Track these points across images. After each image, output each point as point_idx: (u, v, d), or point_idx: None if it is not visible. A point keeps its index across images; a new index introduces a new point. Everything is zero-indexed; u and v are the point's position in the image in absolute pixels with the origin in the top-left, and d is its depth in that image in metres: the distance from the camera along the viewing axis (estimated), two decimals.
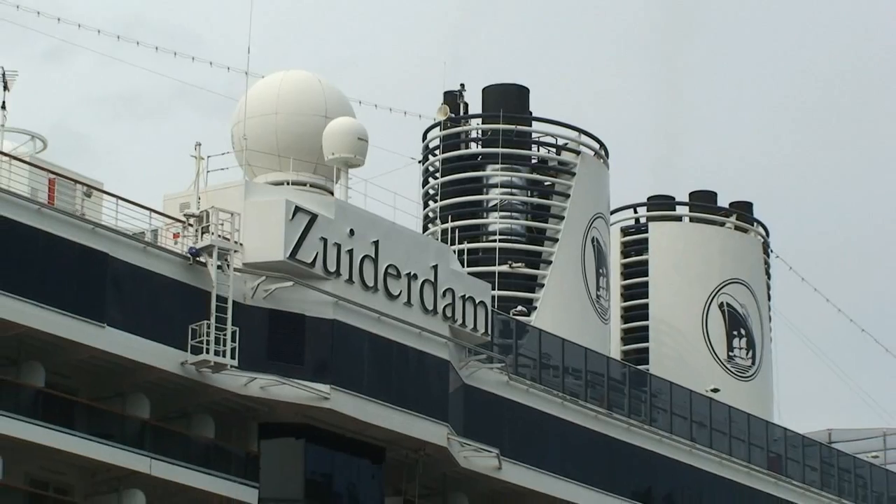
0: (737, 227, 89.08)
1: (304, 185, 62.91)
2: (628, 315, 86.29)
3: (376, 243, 62.57)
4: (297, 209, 60.27)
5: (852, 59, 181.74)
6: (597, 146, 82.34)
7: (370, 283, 62.02)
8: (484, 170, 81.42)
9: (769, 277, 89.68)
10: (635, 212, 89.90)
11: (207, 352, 57.28)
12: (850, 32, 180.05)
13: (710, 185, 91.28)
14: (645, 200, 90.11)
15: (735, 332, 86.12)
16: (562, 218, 79.39)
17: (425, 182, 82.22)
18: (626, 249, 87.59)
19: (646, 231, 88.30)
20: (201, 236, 58.82)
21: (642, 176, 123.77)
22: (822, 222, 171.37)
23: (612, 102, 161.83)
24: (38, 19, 64.72)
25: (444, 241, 70.87)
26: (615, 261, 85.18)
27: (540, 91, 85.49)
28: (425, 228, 78.37)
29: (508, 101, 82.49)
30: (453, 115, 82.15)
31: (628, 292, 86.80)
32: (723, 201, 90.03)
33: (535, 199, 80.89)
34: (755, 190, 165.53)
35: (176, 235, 59.49)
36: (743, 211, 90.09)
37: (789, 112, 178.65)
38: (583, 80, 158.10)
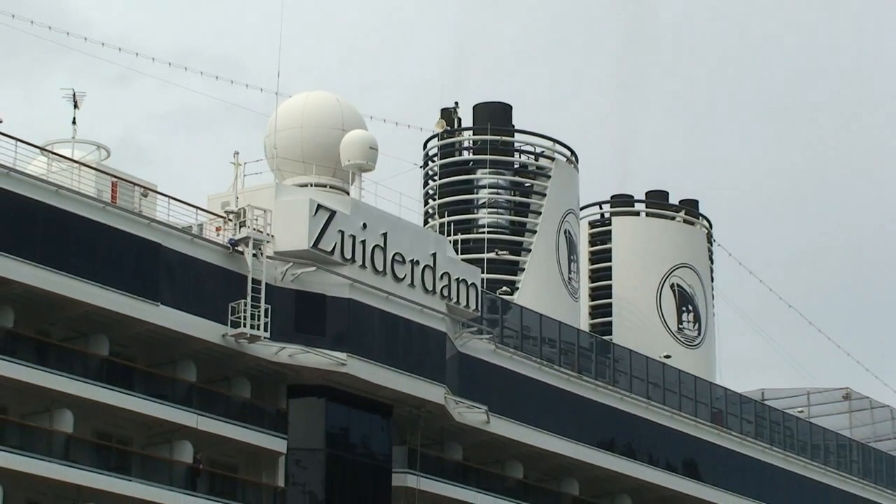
0: (685, 221, 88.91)
1: (325, 186, 62.83)
2: (595, 294, 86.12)
3: (385, 235, 62.76)
4: (319, 206, 60.50)
5: (787, 74, 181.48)
6: (568, 153, 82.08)
7: (380, 268, 62.23)
8: (474, 173, 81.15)
9: (712, 262, 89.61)
10: (600, 208, 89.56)
11: (244, 325, 57.69)
12: (789, 46, 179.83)
13: (663, 186, 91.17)
14: (608, 199, 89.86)
15: (684, 308, 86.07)
16: (539, 213, 79.14)
17: (425, 184, 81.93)
18: (593, 239, 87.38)
19: (609, 224, 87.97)
20: (239, 229, 59.02)
21: (606, 178, 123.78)
22: (758, 216, 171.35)
23: (581, 117, 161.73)
24: (102, 49, 64.91)
25: (441, 232, 70.93)
26: (584, 249, 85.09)
27: (521, 108, 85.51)
28: (425, 222, 78.15)
29: (495, 116, 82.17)
30: (449, 128, 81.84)
31: (595, 275, 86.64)
32: (673, 199, 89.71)
33: (517, 198, 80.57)
34: (701, 189, 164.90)
35: (218, 229, 59.71)
36: (690, 207, 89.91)
37: (730, 124, 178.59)
38: (556, 98, 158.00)
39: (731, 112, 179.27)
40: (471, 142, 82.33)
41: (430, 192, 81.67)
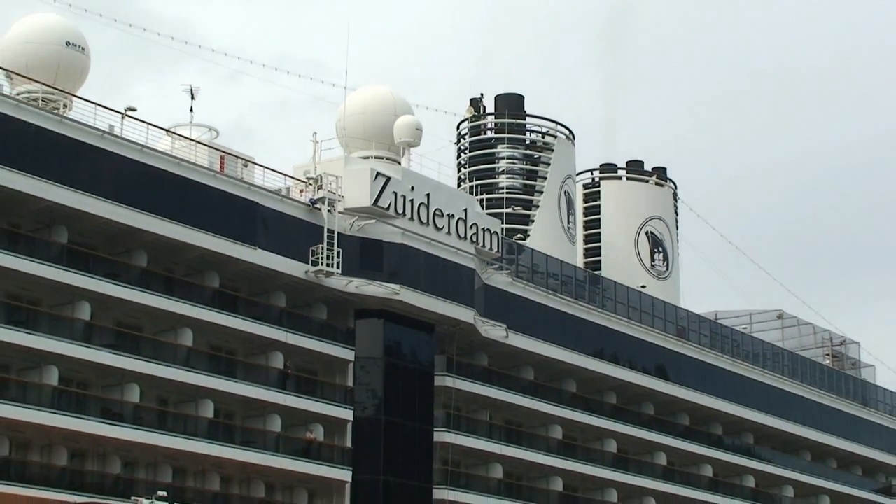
0: (656, 183, 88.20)
1: (382, 158, 62.56)
2: (588, 239, 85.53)
3: (428, 195, 62.66)
4: (378, 173, 60.48)
5: (747, 57, 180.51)
6: (567, 132, 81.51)
7: (424, 220, 62.10)
8: (495, 148, 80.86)
9: (677, 215, 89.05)
10: (592, 174, 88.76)
11: (321, 264, 57.86)
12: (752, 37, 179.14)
13: (639, 156, 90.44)
14: (598, 167, 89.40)
15: (655, 250, 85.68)
16: (545, 178, 78.61)
17: (458, 156, 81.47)
18: (586, 198, 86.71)
19: (598, 186, 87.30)
20: (317, 191, 59.10)
21: (596, 151, 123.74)
22: (713, 178, 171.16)
23: (577, 104, 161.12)
24: (216, 55, 65.01)
25: (470, 193, 71.03)
26: (579, 205, 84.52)
27: (531, 97, 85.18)
28: (458, 185, 78.02)
29: (511, 104, 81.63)
30: (476, 114, 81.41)
31: (588, 225, 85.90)
32: (647, 166, 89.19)
33: (528, 167, 79.96)
34: (669, 158, 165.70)
35: (301, 191, 59.81)
36: (660, 172, 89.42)
37: (691, 109, 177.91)
38: (557, 89, 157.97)
39: (692, 100, 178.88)
40: (493, 124, 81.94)
41: (462, 162, 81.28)
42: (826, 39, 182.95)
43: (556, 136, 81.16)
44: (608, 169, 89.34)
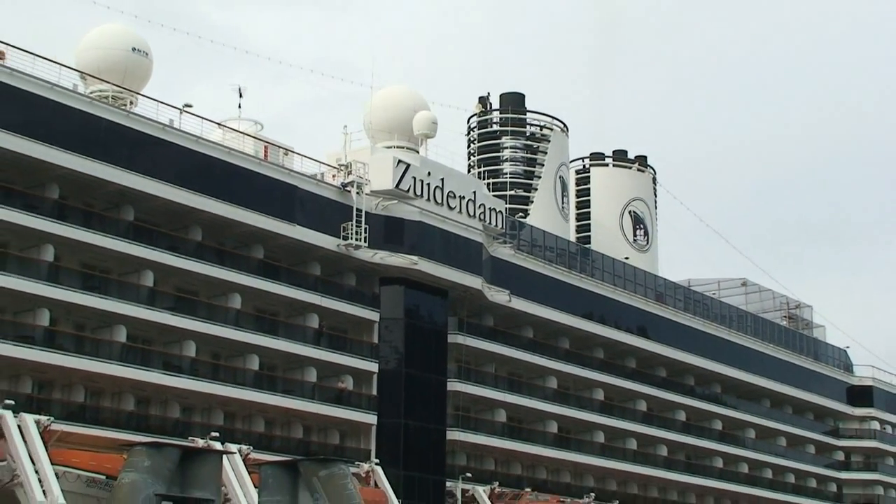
0: (638, 169, 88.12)
1: (403, 147, 62.20)
2: (579, 217, 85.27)
3: (442, 179, 62.37)
4: (399, 161, 60.27)
5: (719, 56, 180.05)
6: (561, 125, 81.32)
7: (439, 201, 61.85)
8: (500, 139, 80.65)
9: (656, 196, 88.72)
10: (583, 162, 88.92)
11: (351, 238, 57.76)
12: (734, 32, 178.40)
13: (623, 146, 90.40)
14: (588, 155, 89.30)
15: (638, 227, 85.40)
16: (542, 165, 78.34)
17: (468, 146, 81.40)
18: (578, 182, 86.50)
19: (588, 172, 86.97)
20: (347, 176, 58.92)
21: (587, 141, 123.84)
22: (686, 165, 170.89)
23: (570, 101, 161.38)
24: (261, 59, 65.06)
25: (479, 178, 70.94)
26: (572, 188, 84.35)
27: (531, 95, 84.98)
28: (468, 171, 77.98)
29: (513, 101, 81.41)
30: (483, 110, 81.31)
31: (579, 205, 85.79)
32: (630, 155, 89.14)
33: (528, 155, 79.96)
34: (649, 147, 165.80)
35: (334, 176, 59.61)
36: (642, 160, 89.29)
37: (669, 104, 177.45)
38: (554, 89, 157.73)
39: (670, 97, 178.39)
40: (498, 118, 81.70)
41: (471, 151, 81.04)
42: (782, 43, 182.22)
43: (552, 129, 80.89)
44: (597, 157, 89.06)
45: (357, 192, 58.42)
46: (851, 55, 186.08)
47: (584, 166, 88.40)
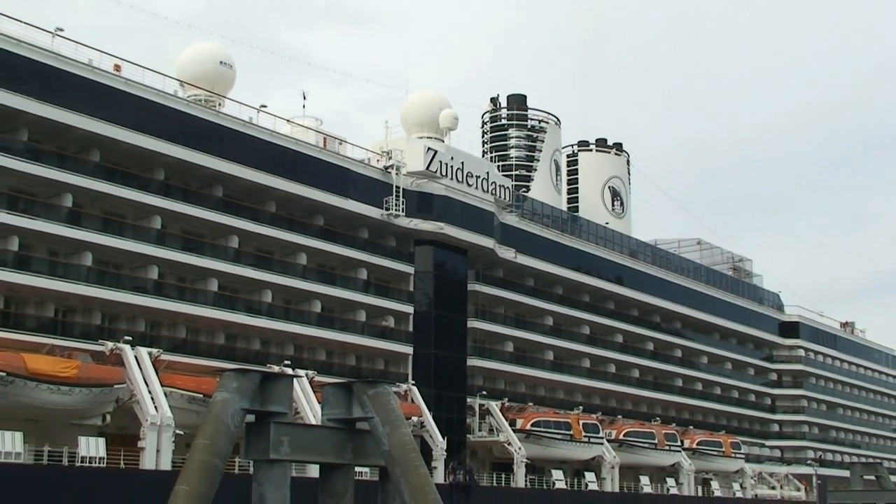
0: (615, 153, 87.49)
1: (431, 138, 61.67)
2: (570, 191, 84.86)
3: (463, 162, 61.79)
4: (429, 148, 59.70)
5: (684, 59, 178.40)
6: (555, 120, 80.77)
7: (460, 180, 61.25)
8: (507, 131, 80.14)
9: (630, 175, 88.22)
10: (572, 148, 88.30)
11: (392, 209, 57.28)
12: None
13: (603, 135, 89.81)
14: (576, 143, 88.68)
15: (615, 199, 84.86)
16: (541, 151, 77.89)
17: (483, 136, 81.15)
18: (569, 164, 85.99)
19: (577, 156, 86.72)
20: (388, 160, 58.33)
21: (575, 131, 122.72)
22: (653, 150, 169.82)
23: (562, 100, 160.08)
24: (319, 70, 64.28)
25: (491, 162, 70.40)
26: (564, 169, 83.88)
27: (532, 96, 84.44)
28: (483, 156, 77.29)
29: (518, 100, 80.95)
30: (494, 107, 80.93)
31: (569, 182, 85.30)
32: (610, 142, 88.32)
33: (529, 143, 79.34)
34: (624, 135, 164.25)
35: (378, 160, 58.89)
36: (618, 146, 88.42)
37: (644, 100, 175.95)
38: (548, 89, 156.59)
39: (643, 95, 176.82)
40: (505, 114, 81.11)
41: (485, 140, 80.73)
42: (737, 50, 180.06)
43: (548, 123, 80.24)
44: (583, 144, 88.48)
45: (396, 173, 57.92)
46: (782, 63, 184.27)
47: (573, 151, 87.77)
